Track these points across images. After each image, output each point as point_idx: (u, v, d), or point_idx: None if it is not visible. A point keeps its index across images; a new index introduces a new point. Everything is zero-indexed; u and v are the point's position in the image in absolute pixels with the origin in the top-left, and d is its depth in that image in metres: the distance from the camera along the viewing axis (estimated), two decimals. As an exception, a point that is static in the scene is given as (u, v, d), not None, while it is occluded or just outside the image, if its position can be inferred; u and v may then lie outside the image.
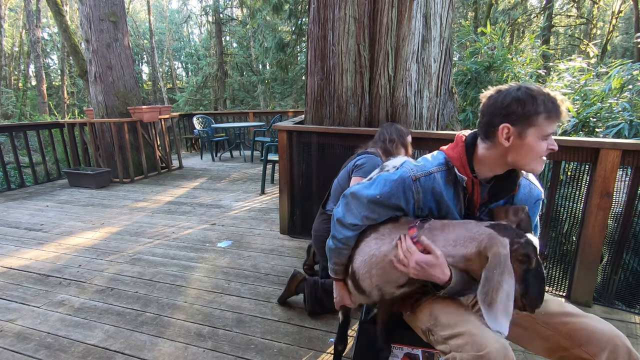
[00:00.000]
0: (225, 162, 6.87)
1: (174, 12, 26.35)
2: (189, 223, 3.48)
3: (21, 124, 5.82)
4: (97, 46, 5.17)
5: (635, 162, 1.87)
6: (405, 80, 2.78)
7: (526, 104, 0.99)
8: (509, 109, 1.01)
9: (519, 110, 1.00)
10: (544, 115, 0.99)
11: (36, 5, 14.66)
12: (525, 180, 1.16)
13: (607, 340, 0.99)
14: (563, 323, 1.06)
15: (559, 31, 18.08)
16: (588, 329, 1.02)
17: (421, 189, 1.11)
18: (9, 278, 2.45)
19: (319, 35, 2.93)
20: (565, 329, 1.05)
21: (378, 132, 2.10)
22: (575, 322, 1.04)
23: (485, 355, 0.91)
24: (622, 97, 3.81)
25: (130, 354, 1.70)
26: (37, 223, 3.54)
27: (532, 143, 1.02)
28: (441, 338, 1.03)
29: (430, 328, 1.08)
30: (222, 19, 15.22)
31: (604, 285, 2.09)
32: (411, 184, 1.11)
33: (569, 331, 1.04)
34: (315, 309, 1.98)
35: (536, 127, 1.00)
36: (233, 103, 17.15)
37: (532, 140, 1.02)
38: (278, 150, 2.99)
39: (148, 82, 23.78)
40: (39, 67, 14.31)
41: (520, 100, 0.99)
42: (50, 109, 14.00)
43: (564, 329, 1.05)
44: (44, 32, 20.12)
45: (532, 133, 1.01)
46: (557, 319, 1.07)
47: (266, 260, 2.68)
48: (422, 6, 2.71)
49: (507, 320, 0.88)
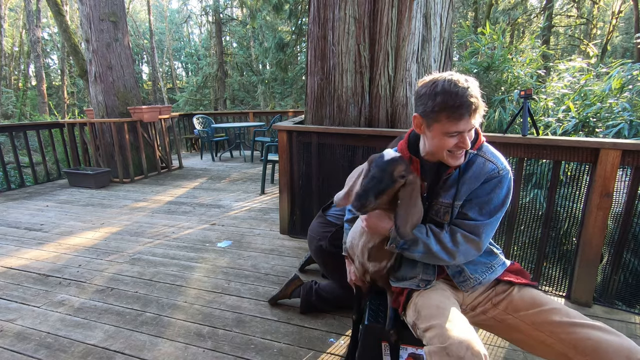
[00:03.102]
0: (225, 162, 6.87)
1: (174, 12, 26.34)
2: (189, 223, 3.48)
3: (21, 124, 5.81)
4: (97, 46, 5.17)
5: (635, 162, 1.87)
6: (405, 80, 2.78)
7: (430, 101, 1.06)
8: (419, 101, 1.10)
9: (427, 105, 1.07)
10: (444, 114, 1.04)
11: (36, 5, 14.65)
12: (480, 158, 1.16)
13: (613, 352, 0.95)
14: (567, 332, 1.04)
15: (559, 31, 18.09)
16: (593, 339, 0.99)
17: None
18: (9, 278, 2.45)
19: (319, 35, 2.92)
20: (570, 338, 1.03)
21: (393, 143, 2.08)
22: (581, 332, 1.02)
23: (447, 347, 0.96)
24: (622, 97, 3.81)
25: (130, 354, 1.70)
26: (37, 223, 3.54)
27: (437, 137, 1.10)
28: (420, 331, 1.08)
29: (415, 322, 1.13)
30: (222, 19, 15.22)
31: (604, 285, 2.09)
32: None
33: (573, 341, 1.02)
34: (308, 311, 2.00)
35: (440, 124, 1.06)
36: (233, 103, 17.16)
37: (436, 134, 1.09)
38: (278, 150, 2.99)
39: (148, 82, 23.79)
40: (39, 67, 14.31)
41: (428, 96, 1.06)
42: (50, 109, 14.01)
43: (568, 339, 1.03)
44: (44, 32, 20.11)
45: (437, 128, 1.08)
46: (562, 328, 1.05)
47: (266, 260, 2.68)
48: (422, 6, 2.71)
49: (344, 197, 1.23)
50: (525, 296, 1.17)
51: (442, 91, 1.03)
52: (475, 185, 1.15)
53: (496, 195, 1.14)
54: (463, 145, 1.08)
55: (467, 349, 0.95)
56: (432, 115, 1.06)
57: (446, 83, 1.03)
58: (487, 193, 1.14)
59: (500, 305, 1.20)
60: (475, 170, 1.15)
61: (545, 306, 1.11)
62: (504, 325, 1.19)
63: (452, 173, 1.17)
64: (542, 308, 1.11)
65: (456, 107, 1.01)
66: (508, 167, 1.17)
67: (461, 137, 1.07)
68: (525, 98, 2.20)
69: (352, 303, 1.97)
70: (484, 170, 1.14)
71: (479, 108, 1.04)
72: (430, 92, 1.05)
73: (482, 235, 1.15)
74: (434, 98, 1.04)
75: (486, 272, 1.24)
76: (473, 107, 1.02)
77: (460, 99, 1.01)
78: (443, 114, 1.03)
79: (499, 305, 1.21)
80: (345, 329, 1.87)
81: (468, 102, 1.01)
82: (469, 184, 1.15)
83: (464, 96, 1.01)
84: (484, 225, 1.15)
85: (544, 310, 1.10)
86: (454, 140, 1.07)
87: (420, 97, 1.09)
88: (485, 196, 1.15)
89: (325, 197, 2.86)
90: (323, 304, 1.97)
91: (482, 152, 1.17)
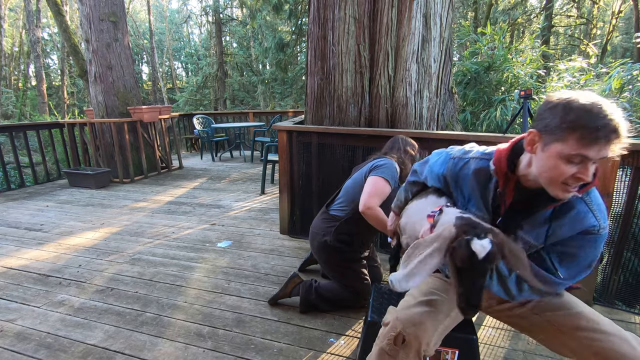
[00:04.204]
0: (225, 162, 6.87)
1: (174, 12, 26.34)
2: (189, 223, 3.48)
3: (21, 124, 5.82)
4: (97, 46, 5.17)
5: (635, 162, 1.87)
6: (405, 80, 2.78)
7: (558, 117, 0.86)
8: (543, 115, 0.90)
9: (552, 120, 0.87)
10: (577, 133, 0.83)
11: (36, 5, 14.66)
12: (583, 205, 0.97)
13: None
14: (591, 339, 1.01)
15: (559, 31, 18.08)
16: (616, 350, 0.96)
17: (452, 167, 1.13)
18: (9, 278, 2.45)
19: (319, 35, 2.93)
20: (593, 345, 1.00)
21: (392, 142, 2.07)
22: (606, 340, 0.99)
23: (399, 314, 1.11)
24: (622, 97, 3.82)
25: (130, 354, 1.70)
26: (37, 223, 3.54)
27: (552, 160, 0.88)
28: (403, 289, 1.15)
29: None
30: (222, 19, 15.22)
31: (604, 285, 2.09)
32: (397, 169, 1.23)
33: (597, 349, 1.00)
34: (307, 310, 1.99)
35: (564, 144, 0.85)
36: (233, 103, 17.16)
37: (553, 157, 0.87)
38: (278, 150, 2.99)
39: (148, 82, 23.78)
40: (39, 67, 14.31)
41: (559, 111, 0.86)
42: (50, 109, 14.01)
43: (592, 345, 1.01)
44: (44, 32, 20.11)
45: (557, 149, 0.86)
46: (586, 333, 1.02)
47: (266, 260, 2.68)
48: (422, 6, 2.71)
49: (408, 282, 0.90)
50: (555, 298, 1.12)
51: (580, 107, 0.84)
52: (567, 234, 0.99)
53: (586, 254, 0.99)
54: (583, 176, 0.86)
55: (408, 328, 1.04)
56: (558, 133, 0.85)
57: (587, 101, 0.85)
58: (578, 247, 0.99)
59: (528, 304, 1.16)
60: (573, 218, 0.97)
61: (573, 309, 1.08)
62: (527, 323, 1.17)
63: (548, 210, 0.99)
64: (570, 311, 1.07)
65: (595, 128, 0.82)
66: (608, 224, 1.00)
67: (584, 166, 0.85)
68: (525, 98, 2.20)
69: (352, 303, 1.98)
70: (584, 223, 0.97)
71: (619, 138, 0.83)
72: (564, 107, 0.85)
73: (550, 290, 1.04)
74: (566, 113, 0.84)
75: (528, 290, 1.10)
76: (615, 134, 0.82)
77: (603, 120, 0.82)
78: (575, 134, 0.83)
79: (526, 304, 1.16)
80: (346, 329, 1.87)
81: (611, 127, 0.82)
82: (562, 230, 0.99)
83: (606, 117, 0.82)
84: (557, 285, 1.02)
85: (571, 314, 1.07)
86: (573, 170, 0.86)
87: (546, 111, 0.89)
88: (573, 249, 1.00)
89: (325, 197, 2.85)
90: (323, 303, 1.97)
91: (587, 198, 0.98)
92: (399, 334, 1.05)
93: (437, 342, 1.09)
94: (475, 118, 5.33)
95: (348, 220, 1.93)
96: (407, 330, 1.05)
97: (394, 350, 1.05)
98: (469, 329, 1.26)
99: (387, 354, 1.07)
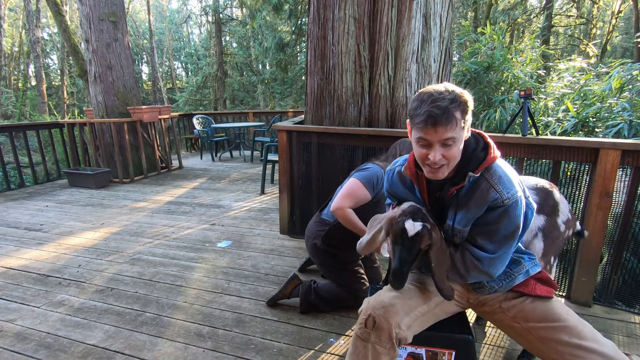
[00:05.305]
0: (225, 162, 6.87)
1: (173, 12, 26.32)
2: (188, 223, 3.48)
3: (21, 124, 5.81)
4: (96, 46, 5.17)
5: (635, 162, 1.87)
6: (405, 80, 2.78)
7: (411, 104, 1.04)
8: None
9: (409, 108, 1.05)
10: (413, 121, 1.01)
11: (36, 5, 14.65)
12: (484, 182, 1.05)
13: None
14: (570, 354, 1.03)
15: (559, 31, 18.08)
16: None
17: (385, 179, 1.31)
18: (8, 278, 2.45)
19: (319, 35, 2.92)
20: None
21: (392, 146, 2.05)
22: (584, 357, 1.02)
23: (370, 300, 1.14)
24: (622, 97, 3.82)
25: (130, 354, 1.70)
26: (36, 223, 3.54)
27: (413, 144, 1.06)
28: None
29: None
30: (222, 19, 15.21)
31: (604, 285, 2.09)
32: (381, 175, 1.34)
33: None
34: (307, 311, 2.00)
35: (412, 129, 1.04)
36: (233, 103, 17.15)
37: (413, 141, 1.06)
38: (278, 150, 2.99)
39: (148, 82, 23.77)
40: (38, 67, 14.30)
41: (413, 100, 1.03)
42: (50, 109, 14.00)
43: None
44: (44, 32, 20.11)
45: (412, 135, 1.05)
46: (566, 348, 1.04)
47: (266, 260, 2.68)
48: (422, 6, 2.71)
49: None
50: (538, 308, 1.13)
51: (415, 97, 1.02)
52: (479, 212, 1.06)
53: (503, 225, 1.05)
54: (431, 157, 1.00)
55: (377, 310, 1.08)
56: (410, 121, 1.05)
57: (426, 90, 1.00)
58: (494, 222, 1.06)
59: (510, 311, 1.18)
60: (478, 196, 1.05)
61: (556, 322, 1.08)
62: (510, 330, 1.19)
63: (453, 193, 1.08)
64: (552, 324, 1.08)
65: (418, 115, 0.98)
66: (517, 193, 1.04)
67: (432, 147, 0.99)
68: (525, 98, 2.20)
69: (351, 303, 1.98)
70: (486, 198, 1.04)
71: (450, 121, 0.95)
72: (413, 99, 1.04)
73: (492, 269, 1.10)
74: (411, 103, 1.03)
75: (504, 281, 1.19)
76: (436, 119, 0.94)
77: (424, 108, 0.96)
78: (413, 121, 1.02)
79: (508, 311, 1.18)
80: (345, 329, 1.87)
81: (432, 113, 0.95)
82: (472, 209, 1.06)
83: (428, 105, 0.96)
84: (491, 260, 1.09)
85: (553, 327, 1.08)
86: (425, 151, 1.01)
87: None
88: (492, 225, 1.06)
89: (325, 197, 2.85)
90: (322, 303, 1.97)
91: (488, 174, 1.05)
92: (369, 316, 1.09)
93: (413, 326, 1.12)
94: (475, 118, 5.32)
95: (336, 226, 1.93)
96: (376, 312, 1.08)
97: (365, 334, 1.08)
98: (465, 330, 1.26)
99: (360, 337, 1.09)
